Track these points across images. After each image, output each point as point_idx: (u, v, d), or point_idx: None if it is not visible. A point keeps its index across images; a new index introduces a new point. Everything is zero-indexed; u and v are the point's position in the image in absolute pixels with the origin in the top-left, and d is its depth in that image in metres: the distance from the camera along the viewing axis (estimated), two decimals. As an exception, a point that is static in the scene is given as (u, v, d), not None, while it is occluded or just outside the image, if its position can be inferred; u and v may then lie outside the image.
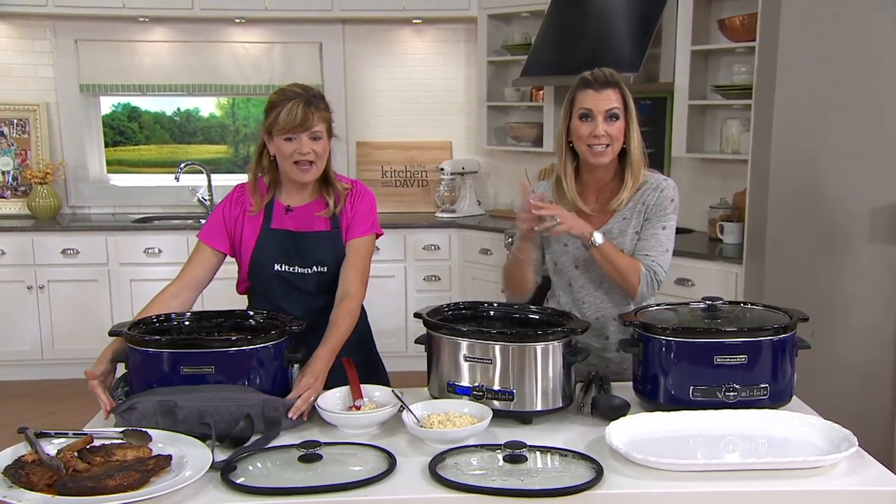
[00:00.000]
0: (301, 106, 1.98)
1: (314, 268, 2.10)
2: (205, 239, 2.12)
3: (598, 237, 2.00)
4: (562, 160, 2.13)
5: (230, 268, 2.17)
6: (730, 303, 1.95)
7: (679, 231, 2.19)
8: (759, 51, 3.29)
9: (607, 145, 2.03)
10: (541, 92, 4.76)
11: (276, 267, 2.09)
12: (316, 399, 1.75)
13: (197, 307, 2.06)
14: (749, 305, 1.97)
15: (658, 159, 4.29)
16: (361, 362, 1.96)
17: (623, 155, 2.08)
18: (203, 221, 4.98)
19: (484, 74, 4.95)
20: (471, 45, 5.14)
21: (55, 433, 1.58)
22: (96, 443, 1.55)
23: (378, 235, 2.19)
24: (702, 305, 1.88)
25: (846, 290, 3.20)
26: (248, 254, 2.10)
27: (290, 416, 1.70)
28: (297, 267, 2.09)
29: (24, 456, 1.46)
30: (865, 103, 3.11)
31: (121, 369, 1.80)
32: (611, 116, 2.02)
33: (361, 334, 2.21)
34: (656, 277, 2.06)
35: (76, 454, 1.48)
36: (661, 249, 2.08)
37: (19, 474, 1.39)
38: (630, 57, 3.95)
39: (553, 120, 4.63)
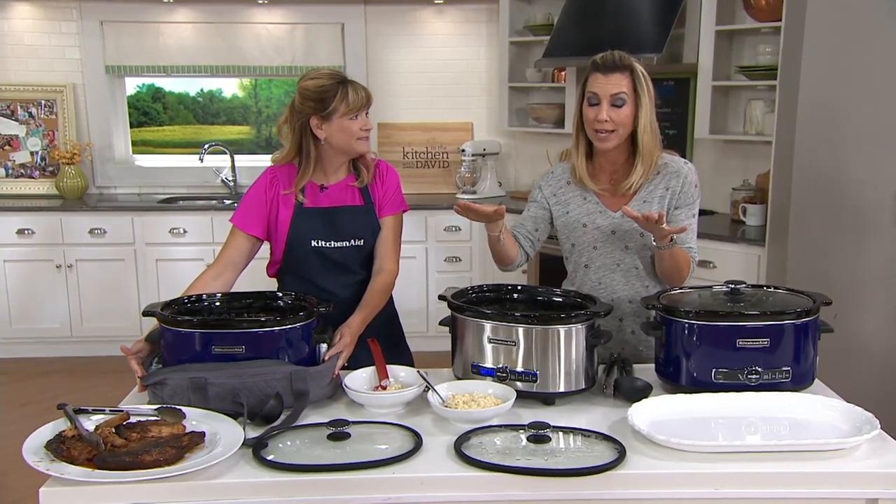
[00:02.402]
0: (359, 86, 2.09)
1: (351, 241, 2.15)
2: (238, 224, 2.16)
3: (676, 238, 2.03)
4: (575, 142, 2.14)
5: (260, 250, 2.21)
6: (752, 286, 1.96)
7: (700, 213, 2.21)
8: (784, 31, 3.26)
9: (610, 131, 2.03)
10: (563, 73, 4.74)
11: (314, 243, 2.14)
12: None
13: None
14: (772, 289, 1.98)
15: (681, 141, 4.26)
16: (387, 343, 2.00)
17: (635, 138, 2.08)
18: (228, 202, 5.06)
19: (506, 55, 4.93)
20: (492, 26, 5.12)
21: (93, 409, 1.64)
22: (132, 419, 1.60)
23: (404, 211, 2.26)
24: (724, 289, 1.90)
25: (869, 273, 3.18)
26: (285, 233, 2.14)
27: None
28: (333, 241, 2.15)
29: (64, 431, 1.52)
30: (892, 85, 3.07)
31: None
32: (616, 101, 2.01)
33: (388, 315, 2.25)
34: (695, 266, 2.13)
35: (114, 430, 1.53)
36: (695, 237, 2.14)
37: (61, 448, 1.45)
38: (653, 37, 3.92)
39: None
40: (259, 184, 2.18)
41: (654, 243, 2.02)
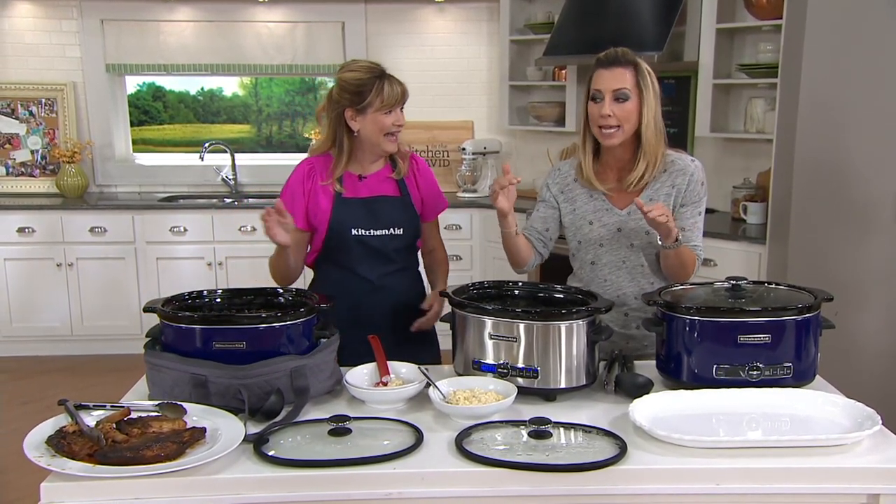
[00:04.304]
0: (396, 81, 2.13)
1: (390, 230, 2.21)
2: None
3: (681, 235, 2.02)
4: (582, 142, 2.14)
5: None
6: (753, 282, 1.96)
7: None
8: (785, 29, 3.26)
9: (616, 127, 2.02)
10: (563, 71, 4.74)
11: (354, 231, 2.19)
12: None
13: (222, 284, 2.10)
14: (773, 285, 1.97)
15: (681, 139, 4.26)
16: (417, 335, 2.10)
17: (639, 135, 2.08)
18: (228, 200, 5.07)
19: (506, 54, 4.93)
20: (493, 24, 5.12)
21: (93, 405, 1.64)
22: (133, 415, 1.60)
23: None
24: (726, 285, 1.89)
25: (871, 271, 3.18)
26: (325, 222, 2.19)
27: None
28: (373, 230, 2.20)
29: (65, 427, 1.51)
30: (892, 82, 3.07)
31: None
32: (619, 96, 2.01)
33: (419, 308, 2.31)
34: (700, 264, 2.14)
35: (114, 426, 1.53)
36: (700, 235, 2.14)
37: (61, 444, 1.45)
38: (654, 35, 3.92)
39: (576, 99, 4.62)
40: (296, 176, 2.22)
41: (660, 242, 2.02)
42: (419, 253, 2.40)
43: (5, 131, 5.07)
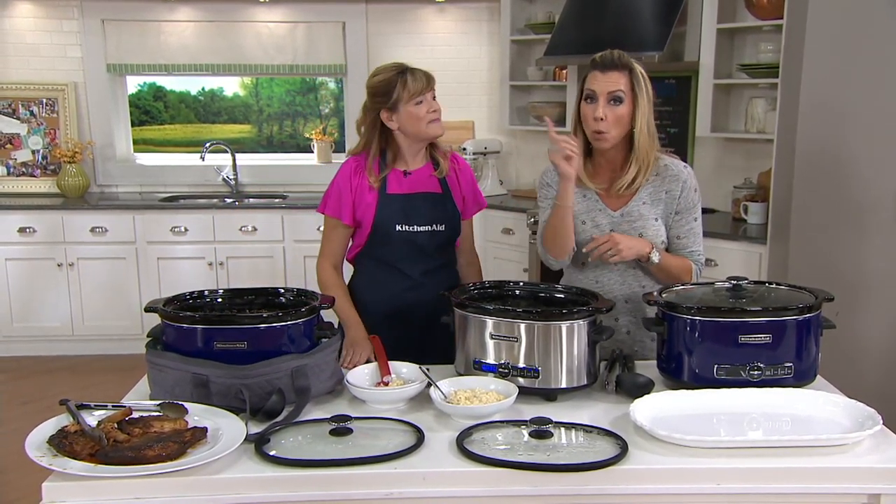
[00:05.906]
0: (420, 72, 2.19)
1: (432, 226, 2.25)
2: (334, 214, 2.27)
3: (655, 256, 2.03)
4: (575, 140, 2.13)
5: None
6: (754, 282, 1.96)
7: (701, 212, 2.21)
8: (786, 29, 3.26)
9: (606, 131, 2.02)
10: (564, 71, 4.74)
11: (398, 227, 2.23)
12: None
13: (223, 284, 2.10)
14: (773, 285, 1.97)
15: (682, 139, 4.26)
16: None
17: (632, 138, 2.07)
18: (229, 200, 5.07)
19: (507, 54, 4.93)
20: (494, 25, 5.12)
21: (95, 405, 1.64)
22: (135, 415, 1.60)
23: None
24: (727, 285, 1.90)
25: (871, 270, 3.18)
26: (371, 218, 2.23)
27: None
28: (416, 226, 2.24)
29: (66, 426, 1.52)
30: (892, 82, 3.07)
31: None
32: (613, 99, 2.00)
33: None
34: (702, 267, 2.15)
35: (116, 425, 1.53)
36: (699, 240, 2.15)
37: (63, 444, 1.45)
38: (655, 35, 3.92)
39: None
40: (343, 173, 2.27)
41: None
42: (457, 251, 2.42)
43: (6, 131, 5.07)
